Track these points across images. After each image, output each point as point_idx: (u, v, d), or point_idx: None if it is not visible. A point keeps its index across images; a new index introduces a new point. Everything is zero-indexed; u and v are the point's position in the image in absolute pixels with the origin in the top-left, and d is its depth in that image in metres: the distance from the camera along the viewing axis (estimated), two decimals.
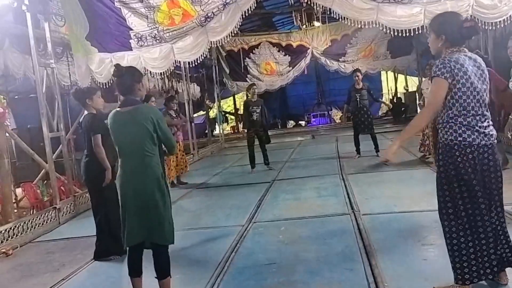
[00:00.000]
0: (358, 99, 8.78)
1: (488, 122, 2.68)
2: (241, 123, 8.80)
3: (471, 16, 5.95)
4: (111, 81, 7.08)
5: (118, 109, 3.08)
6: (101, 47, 6.79)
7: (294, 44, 15.92)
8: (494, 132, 2.70)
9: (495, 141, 2.70)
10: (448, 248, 2.80)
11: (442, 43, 2.72)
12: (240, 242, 4.46)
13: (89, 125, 4.40)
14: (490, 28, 6.45)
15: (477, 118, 2.64)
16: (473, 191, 2.67)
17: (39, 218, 5.91)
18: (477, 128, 2.64)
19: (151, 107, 3.15)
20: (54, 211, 6.23)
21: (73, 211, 6.62)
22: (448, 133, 2.70)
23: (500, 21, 6.01)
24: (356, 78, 8.84)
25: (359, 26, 6.71)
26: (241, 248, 4.31)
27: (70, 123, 9.15)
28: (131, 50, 6.77)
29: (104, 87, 7.18)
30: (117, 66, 3.17)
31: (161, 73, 7.29)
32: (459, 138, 2.65)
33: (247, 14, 6.65)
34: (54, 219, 6.19)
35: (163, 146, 3.23)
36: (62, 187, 7.21)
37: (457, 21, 2.68)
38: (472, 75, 2.62)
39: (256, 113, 8.51)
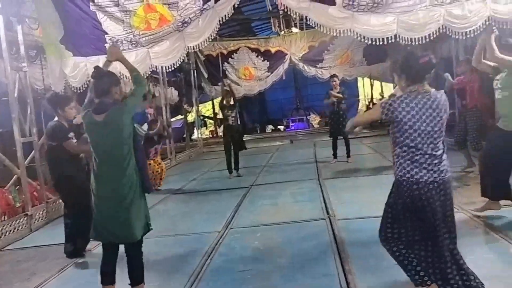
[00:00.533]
0: (335, 103, 8.99)
1: (438, 160, 2.74)
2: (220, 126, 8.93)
3: (442, 26, 6.12)
4: (86, 85, 6.98)
5: (93, 114, 3.04)
6: (75, 51, 6.68)
7: (273, 50, 16.01)
8: (445, 168, 2.76)
9: (446, 176, 2.75)
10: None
11: (404, 82, 2.85)
12: (216, 249, 4.45)
13: (53, 133, 4.46)
14: (461, 37, 6.63)
15: (426, 156, 2.72)
16: (411, 225, 2.80)
17: (10, 225, 5.77)
18: (425, 165, 2.72)
19: (119, 107, 3.10)
20: (25, 217, 6.08)
21: (45, 217, 6.49)
22: (398, 169, 2.81)
23: (470, 31, 6.18)
24: (334, 83, 9.05)
25: (335, 34, 6.81)
26: (216, 254, 4.30)
27: (43, 127, 8.96)
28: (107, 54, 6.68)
29: (79, 91, 7.08)
30: (97, 67, 3.18)
31: None
32: (407, 175, 2.75)
33: (224, 20, 6.65)
34: (25, 226, 6.04)
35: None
36: (34, 193, 7.06)
37: (413, 60, 2.81)
38: (421, 118, 2.71)
39: (232, 118, 8.53)
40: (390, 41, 6.45)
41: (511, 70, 4.23)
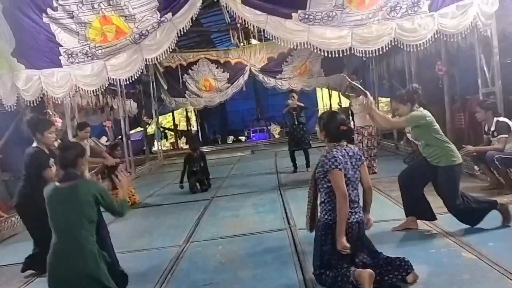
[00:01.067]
0: (295, 117, 9.20)
1: (357, 204, 3.37)
2: (181, 176, 8.80)
3: (394, 38, 6.38)
4: (39, 99, 6.78)
5: (57, 184, 3.00)
6: (28, 64, 6.48)
7: (232, 61, 16.13)
8: (360, 209, 3.38)
9: (363, 215, 3.38)
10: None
11: (326, 139, 3.42)
12: (177, 263, 4.39)
13: (33, 161, 4.34)
14: (413, 49, 6.93)
15: (351, 202, 3.26)
16: (337, 259, 3.28)
17: None
18: (350, 210, 3.25)
19: (91, 182, 3.19)
20: None
21: None
22: (327, 214, 3.34)
23: (420, 43, 6.47)
24: (292, 98, 9.26)
25: (292, 46, 6.95)
26: (177, 269, 4.25)
27: None
28: (61, 66, 6.52)
29: (32, 105, 6.86)
30: (63, 140, 3.26)
31: (94, 90, 7.07)
32: (336, 218, 3.23)
33: (183, 32, 6.66)
34: None
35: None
36: None
37: (336, 122, 3.38)
38: (350, 169, 3.30)
39: (196, 166, 8.60)
40: (346, 53, 6.65)
41: (413, 125, 4.39)
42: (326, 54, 6.83)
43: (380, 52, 6.64)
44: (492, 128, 5.81)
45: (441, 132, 4.39)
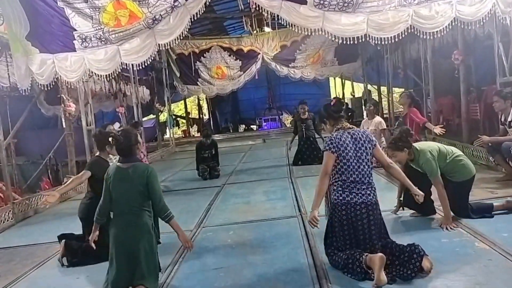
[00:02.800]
0: (303, 129, 8.86)
1: (367, 186, 3.40)
2: (196, 164, 8.86)
3: (410, 26, 6.25)
4: (53, 83, 6.82)
5: (119, 164, 3.40)
6: (42, 48, 6.50)
7: (245, 49, 16.08)
8: (372, 192, 3.41)
9: (373, 199, 3.40)
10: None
11: (329, 125, 3.64)
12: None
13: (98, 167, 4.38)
14: (429, 37, 6.80)
15: (355, 183, 3.38)
16: (345, 240, 3.41)
17: None
18: (354, 190, 3.37)
19: (147, 165, 3.53)
20: None
21: (11, 219, 6.28)
22: (333, 194, 3.44)
23: (437, 31, 6.34)
24: (302, 110, 8.93)
25: (307, 33, 6.86)
26: (189, 252, 4.25)
27: (10, 126, 8.71)
28: (75, 51, 6.52)
29: (46, 89, 6.90)
30: (115, 136, 3.47)
31: (107, 75, 7.08)
32: (340, 198, 3.39)
33: (196, 18, 6.61)
34: None
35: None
36: (0, 194, 6.84)
37: (327, 106, 3.71)
38: (351, 151, 3.40)
39: (207, 153, 8.65)
40: (360, 41, 6.55)
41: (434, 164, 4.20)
42: (340, 41, 6.73)
43: (396, 40, 6.51)
44: (509, 119, 5.70)
45: (451, 149, 4.35)
